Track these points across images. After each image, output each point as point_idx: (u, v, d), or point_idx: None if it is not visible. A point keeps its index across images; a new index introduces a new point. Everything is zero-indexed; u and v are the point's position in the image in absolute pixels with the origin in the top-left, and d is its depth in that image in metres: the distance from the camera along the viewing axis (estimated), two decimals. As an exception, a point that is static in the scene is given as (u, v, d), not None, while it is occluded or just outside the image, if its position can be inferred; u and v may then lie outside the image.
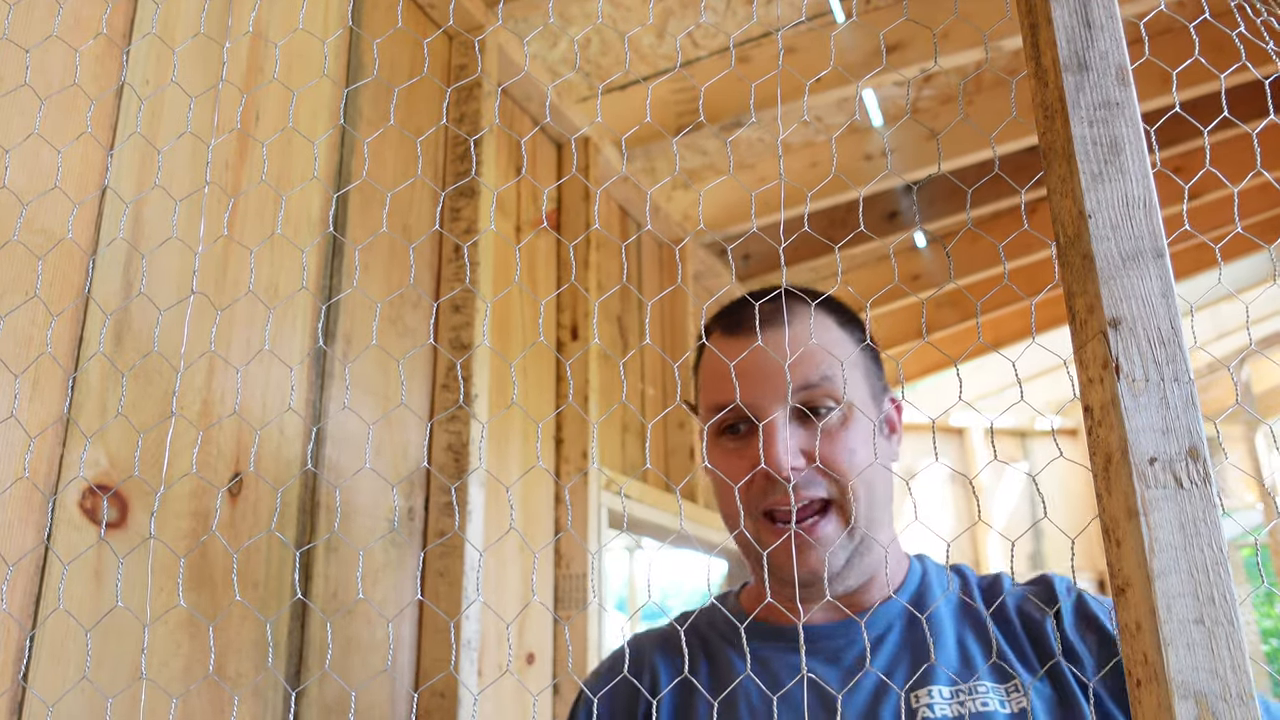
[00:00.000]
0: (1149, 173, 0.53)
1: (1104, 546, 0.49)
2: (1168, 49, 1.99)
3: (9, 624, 0.77)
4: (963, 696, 0.78)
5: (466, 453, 1.33)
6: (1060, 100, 0.55)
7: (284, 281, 1.13)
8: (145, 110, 0.97)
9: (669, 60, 1.83)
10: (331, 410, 1.17)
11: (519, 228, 1.70)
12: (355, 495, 1.20)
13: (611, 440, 1.97)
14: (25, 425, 0.80)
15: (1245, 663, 0.44)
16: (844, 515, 0.82)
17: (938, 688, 0.78)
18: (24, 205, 0.83)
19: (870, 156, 2.28)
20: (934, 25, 1.72)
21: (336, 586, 1.14)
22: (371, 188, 1.31)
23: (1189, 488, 0.47)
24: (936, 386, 4.55)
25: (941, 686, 0.79)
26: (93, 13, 0.93)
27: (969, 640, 0.83)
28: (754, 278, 2.73)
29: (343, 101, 1.28)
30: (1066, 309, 0.54)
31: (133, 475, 0.89)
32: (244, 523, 1.02)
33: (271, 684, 1.02)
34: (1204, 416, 0.49)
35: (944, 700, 0.78)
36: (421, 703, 1.24)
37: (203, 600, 0.95)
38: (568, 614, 1.63)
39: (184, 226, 1.00)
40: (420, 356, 1.37)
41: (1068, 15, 0.56)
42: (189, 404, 0.98)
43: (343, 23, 1.31)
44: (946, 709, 0.77)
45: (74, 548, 0.83)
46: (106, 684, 0.84)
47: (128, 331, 0.92)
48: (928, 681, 0.79)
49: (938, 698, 0.78)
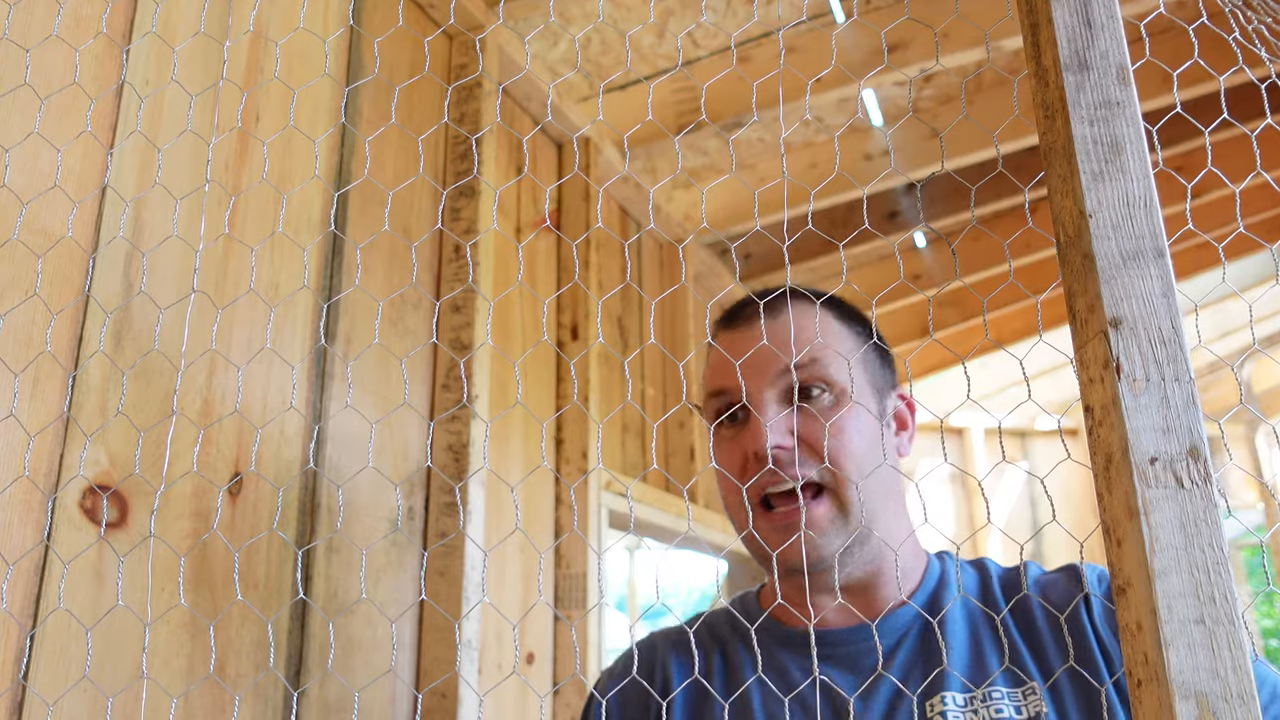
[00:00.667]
0: (1149, 172, 0.53)
1: (1105, 546, 0.49)
2: (1169, 48, 1.99)
3: (9, 623, 0.77)
4: (976, 704, 0.76)
5: (467, 453, 1.33)
6: (1061, 100, 0.55)
7: (285, 281, 1.13)
8: (145, 109, 0.97)
9: (670, 60, 1.83)
10: (332, 410, 1.17)
11: (520, 227, 1.70)
12: (356, 495, 1.20)
13: (612, 440, 1.97)
14: (25, 424, 0.80)
15: (1246, 663, 0.44)
16: (837, 500, 0.81)
17: (951, 694, 0.77)
18: (24, 204, 0.83)
19: (870, 156, 2.28)
20: (935, 25, 1.72)
21: (337, 586, 1.14)
22: (372, 187, 1.31)
23: (1190, 487, 0.47)
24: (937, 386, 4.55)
25: (955, 693, 0.77)
26: (93, 12, 0.93)
27: (985, 643, 0.81)
28: (755, 277, 2.73)
29: (343, 101, 1.28)
30: (1067, 309, 0.53)
31: (133, 474, 0.89)
32: (245, 522, 1.02)
33: (272, 684, 1.02)
34: (1206, 416, 0.48)
35: (958, 708, 0.76)
36: (423, 703, 1.24)
37: (203, 600, 0.95)
38: (569, 614, 1.63)
39: (184, 225, 1.00)
40: (421, 356, 1.37)
41: (1068, 15, 0.56)
42: (189, 403, 0.98)
43: (343, 22, 1.31)
44: (960, 716, 0.76)
45: (74, 547, 0.83)
46: (107, 684, 0.84)
47: (128, 330, 0.92)
48: (941, 688, 0.78)
49: (951, 705, 0.77)
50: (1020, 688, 0.77)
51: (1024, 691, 0.77)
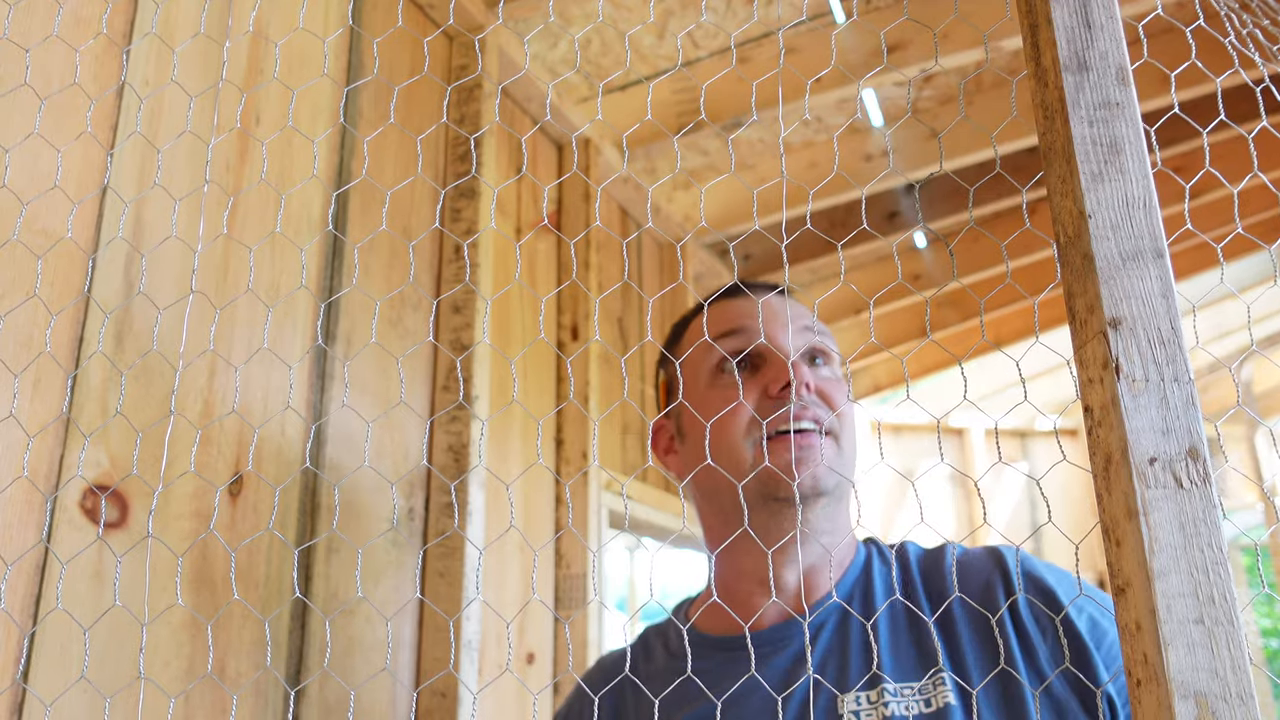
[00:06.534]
0: (1149, 173, 0.53)
1: (1104, 546, 0.49)
2: (1169, 49, 1.99)
3: (8, 624, 0.77)
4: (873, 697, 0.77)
5: (466, 452, 1.33)
6: (1060, 100, 0.55)
7: (284, 281, 1.13)
8: (145, 110, 0.97)
9: (669, 60, 1.83)
10: (331, 410, 1.17)
11: (519, 227, 1.70)
12: (355, 495, 1.20)
13: (611, 440, 1.97)
14: (25, 424, 0.80)
15: (1245, 663, 0.44)
16: (837, 445, 0.87)
17: (855, 693, 0.78)
18: (24, 205, 0.83)
19: (870, 157, 2.28)
20: (934, 25, 1.72)
21: (336, 586, 1.14)
22: (372, 187, 1.31)
23: (1189, 488, 0.47)
24: (937, 387, 4.55)
25: (862, 692, 0.78)
26: (93, 12, 0.93)
27: (901, 632, 0.81)
28: (754, 277, 2.73)
29: (343, 101, 1.28)
30: (1066, 309, 0.54)
31: (132, 474, 0.89)
32: (244, 522, 1.02)
33: (271, 683, 1.02)
34: (1205, 417, 0.48)
35: (869, 706, 0.76)
36: (421, 702, 1.24)
37: (202, 600, 0.95)
38: (568, 613, 1.63)
39: (184, 226, 1.00)
40: (420, 356, 1.37)
41: (1068, 15, 0.56)
42: (189, 403, 0.98)
43: (343, 22, 1.31)
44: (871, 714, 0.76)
45: (73, 547, 0.83)
46: (106, 684, 0.84)
47: (128, 331, 0.92)
48: (849, 685, 0.79)
49: (864, 704, 0.77)
50: (929, 676, 0.77)
51: (933, 680, 0.77)
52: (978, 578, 0.82)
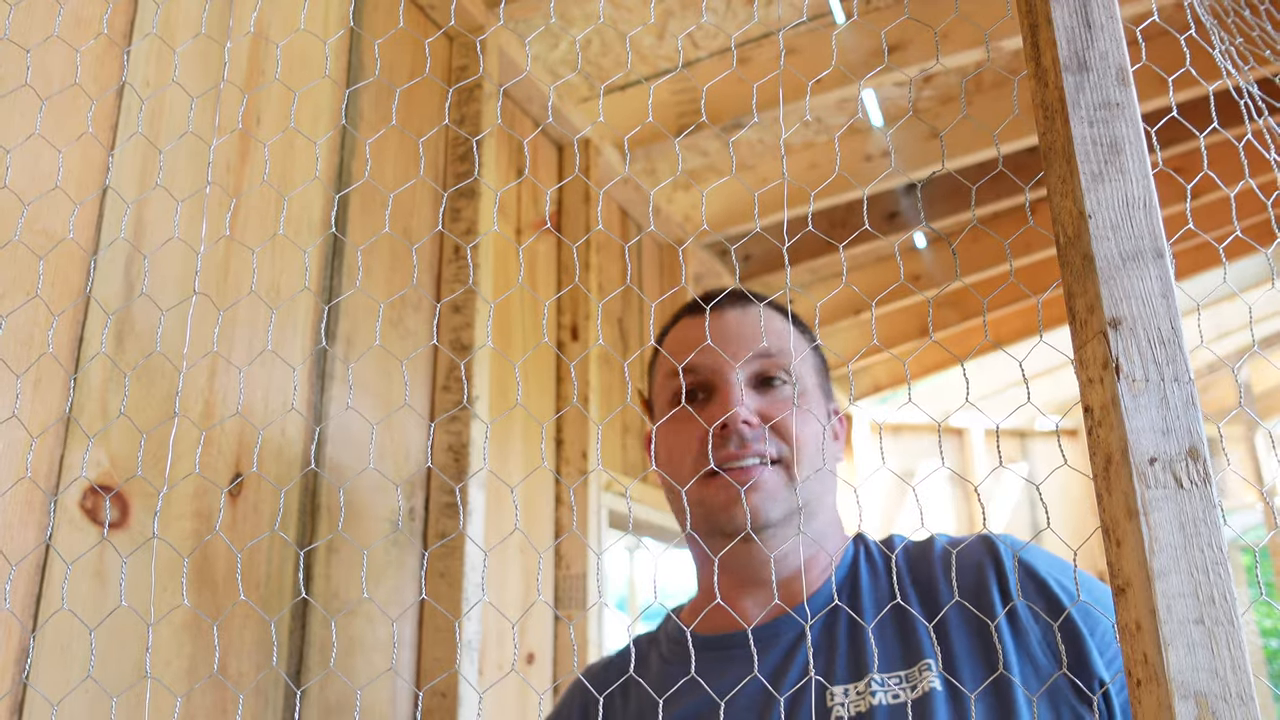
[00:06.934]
0: (1149, 173, 0.53)
1: (1104, 546, 0.49)
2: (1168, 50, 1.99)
3: (11, 624, 0.77)
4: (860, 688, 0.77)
5: (467, 454, 1.33)
6: (1060, 100, 0.55)
7: (286, 282, 1.13)
8: (146, 110, 0.97)
9: (670, 61, 1.83)
10: (333, 411, 1.17)
11: (520, 229, 1.70)
12: (357, 496, 1.20)
13: (612, 441, 1.97)
14: (27, 425, 0.80)
15: (1245, 663, 0.44)
16: (789, 474, 0.85)
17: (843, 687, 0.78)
18: (25, 205, 0.83)
19: (870, 157, 2.28)
20: (935, 25, 1.72)
21: (338, 586, 1.14)
22: (373, 189, 1.31)
23: (1189, 488, 0.47)
24: (937, 387, 4.55)
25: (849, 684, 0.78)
26: (93, 13, 0.93)
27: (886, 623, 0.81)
28: (755, 278, 2.73)
29: (344, 102, 1.28)
30: (1067, 309, 0.54)
31: (135, 475, 0.89)
32: (246, 523, 1.02)
33: (274, 683, 1.02)
34: (1205, 417, 0.49)
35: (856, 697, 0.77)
36: (423, 702, 1.24)
37: (205, 600, 0.95)
38: (569, 614, 1.63)
39: (186, 227, 1.00)
40: (421, 357, 1.37)
41: (1068, 15, 0.56)
42: (191, 404, 0.98)
43: (344, 23, 1.31)
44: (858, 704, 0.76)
45: (76, 548, 0.83)
46: (110, 684, 0.84)
47: (129, 332, 0.92)
48: (836, 679, 0.79)
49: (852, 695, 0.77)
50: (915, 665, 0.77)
51: (919, 669, 0.77)
52: (969, 563, 0.82)
